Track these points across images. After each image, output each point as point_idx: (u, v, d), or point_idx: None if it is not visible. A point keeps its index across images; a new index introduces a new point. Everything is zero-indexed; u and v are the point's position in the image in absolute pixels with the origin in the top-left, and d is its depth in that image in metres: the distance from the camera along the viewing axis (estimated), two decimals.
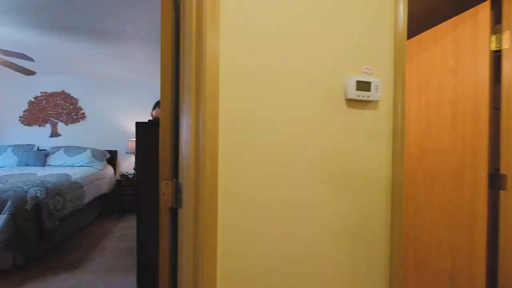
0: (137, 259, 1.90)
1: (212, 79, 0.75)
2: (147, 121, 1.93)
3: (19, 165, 3.57)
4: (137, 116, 4.32)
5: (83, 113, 4.21)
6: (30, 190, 2.35)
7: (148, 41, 2.70)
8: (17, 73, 3.91)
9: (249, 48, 0.78)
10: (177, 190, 0.80)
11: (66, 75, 4.11)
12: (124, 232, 3.16)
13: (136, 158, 1.81)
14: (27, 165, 3.59)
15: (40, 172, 3.07)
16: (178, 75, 0.87)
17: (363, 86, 0.86)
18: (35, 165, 3.60)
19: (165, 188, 0.80)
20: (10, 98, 4.03)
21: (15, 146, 3.77)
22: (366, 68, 0.90)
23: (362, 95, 0.86)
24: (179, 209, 0.80)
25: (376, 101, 0.91)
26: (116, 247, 2.72)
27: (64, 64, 3.51)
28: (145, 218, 1.88)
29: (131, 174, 3.95)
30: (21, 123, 4.06)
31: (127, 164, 4.30)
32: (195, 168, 0.74)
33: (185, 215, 0.76)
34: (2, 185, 2.37)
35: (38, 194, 2.36)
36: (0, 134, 4.01)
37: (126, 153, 3.96)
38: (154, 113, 1.90)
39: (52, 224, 2.38)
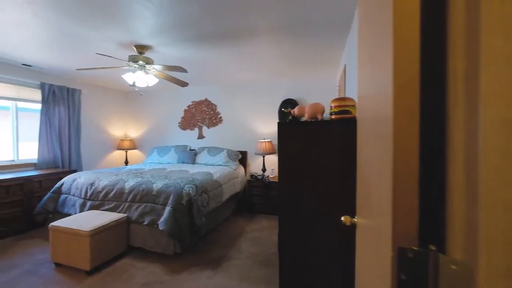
0: (280, 271, 1.65)
1: None
2: (287, 120, 1.66)
3: (178, 162, 4.37)
4: (264, 117, 4.37)
5: (221, 117, 4.70)
6: (185, 187, 2.65)
7: (278, 34, 2.48)
8: (176, 86, 4.85)
9: None
10: (445, 278, 0.33)
11: (208, 85, 4.72)
12: (255, 234, 3.15)
13: (279, 160, 1.55)
14: (183, 162, 4.34)
15: (191, 170, 3.55)
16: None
17: None
18: (188, 163, 4.29)
19: (408, 271, 0.36)
20: (172, 108, 5.07)
21: (176, 146, 4.66)
22: None
23: None
24: None
25: None
26: (251, 251, 2.68)
27: (206, 74, 3.97)
28: (287, 227, 1.60)
29: (259, 175, 4.00)
30: (179, 127, 5.01)
31: (256, 165, 4.43)
32: None
33: None
34: (167, 180, 2.81)
35: (190, 191, 2.63)
36: (167, 137, 5.12)
37: (255, 154, 4.05)
38: (296, 110, 1.59)
39: (200, 220, 2.58)
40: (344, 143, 1.40)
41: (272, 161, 4.27)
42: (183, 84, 3.30)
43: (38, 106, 3.82)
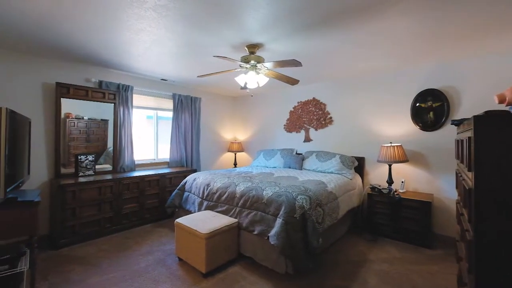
0: None
1: None
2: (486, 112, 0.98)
3: (284, 167, 4.12)
4: (390, 116, 3.49)
5: (331, 118, 4.13)
6: (298, 198, 2.29)
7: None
8: (281, 88, 4.66)
9: None
10: None
11: (316, 82, 4.26)
12: (384, 267, 2.42)
13: (476, 177, 0.91)
14: (289, 167, 4.05)
15: (300, 177, 3.19)
16: None
17: None
18: (295, 168, 3.97)
19: None
20: (277, 110, 4.92)
21: (282, 150, 4.46)
22: None
23: None
24: None
25: None
26: None
27: (316, 70, 3.53)
28: None
29: (384, 188, 3.17)
30: (284, 130, 4.79)
31: (376, 175, 3.59)
32: None
33: None
34: (277, 188, 2.54)
35: (304, 204, 2.25)
36: (272, 140, 5.02)
37: (378, 161, 3.25)
38: (510, 94, 0.90)
39: (316, 241, 2.15)
40: None
41: (402, 171, 3.32)
42: (294, 81, 2.99)
43: (170, 114, 4.49)
